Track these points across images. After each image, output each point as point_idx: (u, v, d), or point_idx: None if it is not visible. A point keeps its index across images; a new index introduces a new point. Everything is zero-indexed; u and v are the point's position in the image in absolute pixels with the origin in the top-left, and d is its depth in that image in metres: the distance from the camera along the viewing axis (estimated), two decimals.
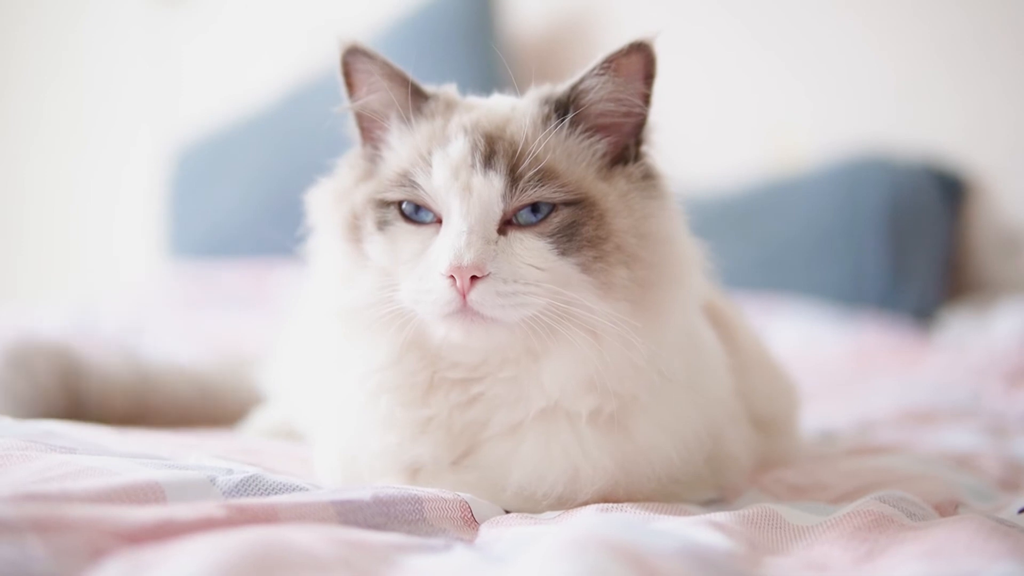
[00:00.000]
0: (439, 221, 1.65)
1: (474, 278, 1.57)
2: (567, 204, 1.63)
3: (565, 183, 1.63)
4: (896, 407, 2.93)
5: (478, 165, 1.62)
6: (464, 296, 1.57)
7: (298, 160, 2.15)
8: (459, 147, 1.64)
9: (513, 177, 1.62)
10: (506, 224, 1.63)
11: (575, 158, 1.67)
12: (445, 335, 1.64)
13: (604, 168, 1.69)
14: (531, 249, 1.61)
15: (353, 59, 1.76)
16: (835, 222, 4.40)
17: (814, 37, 4.89)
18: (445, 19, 5.03)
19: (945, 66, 4.62)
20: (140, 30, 6.27)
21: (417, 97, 1.76)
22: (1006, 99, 4.53)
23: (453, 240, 1.59)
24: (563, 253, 1.61)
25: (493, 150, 1.64)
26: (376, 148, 1.78)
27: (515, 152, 1.63)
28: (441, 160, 1.64)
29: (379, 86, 1.76)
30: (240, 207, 5.14)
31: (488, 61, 4.84)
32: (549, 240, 1.61)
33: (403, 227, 1.68)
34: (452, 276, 1.57)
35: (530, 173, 1.62)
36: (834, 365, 3.62)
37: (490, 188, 1.61)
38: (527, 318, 1.60)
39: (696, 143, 4.70)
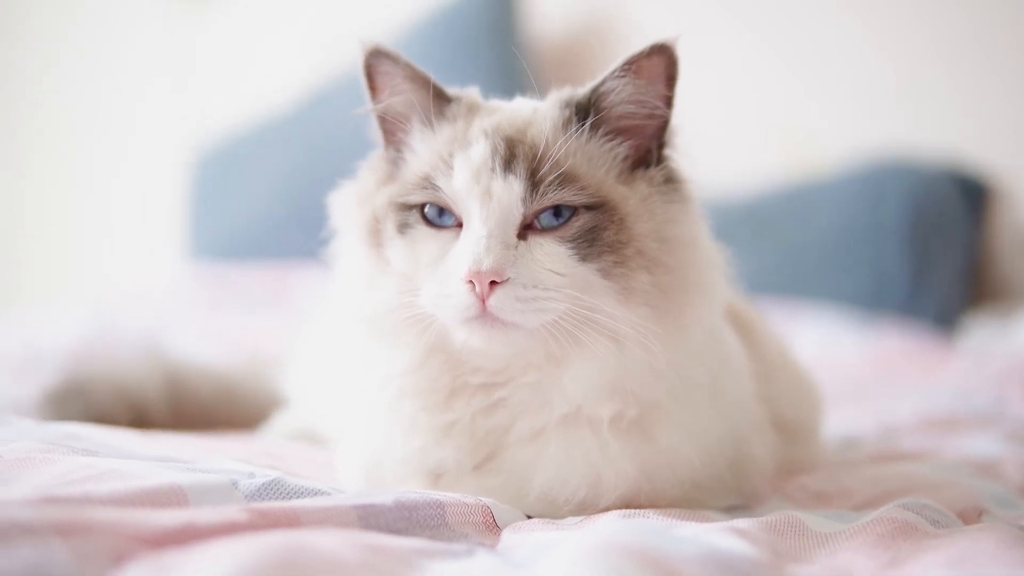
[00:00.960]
0: (459, 225, 1.65)
1: (494, 283, 1.56)
2: (588, 208, 1.62)
3: (585, 186, 1.62)
4: (918, 414, 2.91)
5: (498, 169, 1.62)
6: (484, 301, 1.57)
7: (319, 163, 2.16)
8: (480, 151, 1.64)
9: (533, 181, 1.61)
10: (526, 228, 1.62)
11: (596, 162, 1.67)
12: (466, 340, 1.64)
13: (625, 172, 1.68)
14: (551, 254, 1.60)
15: (376, 61, 1.75)
16: (857, 227, 4.38)
17: (835, 41, 4.87)
18: (466, 21, 5.02)
19: (968, 70, 4.60)
20: (161, 33, 6.29)
21: (439, 100, 1.76)
22: None
23: (473, 245, 1.58)
24: (584, 258, 1.60)
25: (513, 154, 1.63)
26: (398, 151, 1.78)
27: (535, 156, 1.62)
28: (462, 163, 1.64)
29: (401, 88, 1.76)
30: (261, 210, 5.14)
31: (509, 63, 4.83)
32: (570, 245, 1.60)
33: (423, 231, 1.67)
34: (472, 281, 1.57)
35: (550, 177, 1.61)
36: (855, 371, 3.60)
37: (510, 192, 1.61)
38: (548, 323, 1.59)
39: (717, 147, 4.68)
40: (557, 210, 1.62)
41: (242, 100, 5.81)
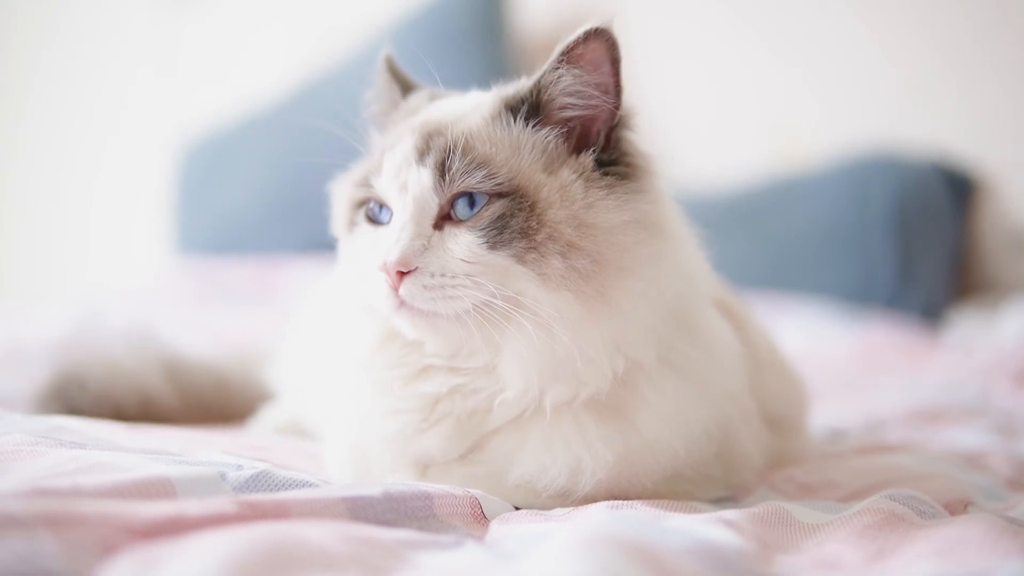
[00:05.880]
0: None
1: (405, 273, 1.60)
2: (500, 196, 1.63)
3: (495, 173, 1.63)
4: (904, 406, 2.92)
5: (413, 162, 1.66)
6: (396, 291, 1.61)
7: (305, 158, 2.17)
8: (403, 147, 1.68)
9: (442, 170, 1.64)
10: (445, 219, 1.65)
11: (521, 151, 1.66)
12: (399, 327, 1.69)
13: (560, 158, 1.68)
14: (462, 243, 1.62)
15: (382, 67, 1.88)
16: (843, 221, 4.39)
17: (822, 35, 4.88)
18: (455, 16, 5.02)
19: (954, 64, 4.62)
20: (147, 26, 6.27)
21: (397, 102, 1.87)
22: (1015, 97, 4.52)
23: (386, 238, 1.64)
24: (493, 246, 1.61)
25: (429, 146, 1.66)
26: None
27: (446, 146, 1.65)
28: (389, 161, 1.69)
29: (383, 91, 1.89)
30: (247, 204, 5.14)
31: (498, 57, 4.84)
32: (480, 233, 1.62)
33: (365, 227, 1.74)
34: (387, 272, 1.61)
35: (457, 164, 1.63)
36: (842, 364, 3.62)
37: (420, 182, 1.64)
38: (469, 310, 1.61)
39: (703, 142, 4.71)
40: (472, 201, 1.64)
41: (228, 94, 5.80)
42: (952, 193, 4.38)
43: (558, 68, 1.65)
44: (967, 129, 4.56)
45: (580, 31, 1.63)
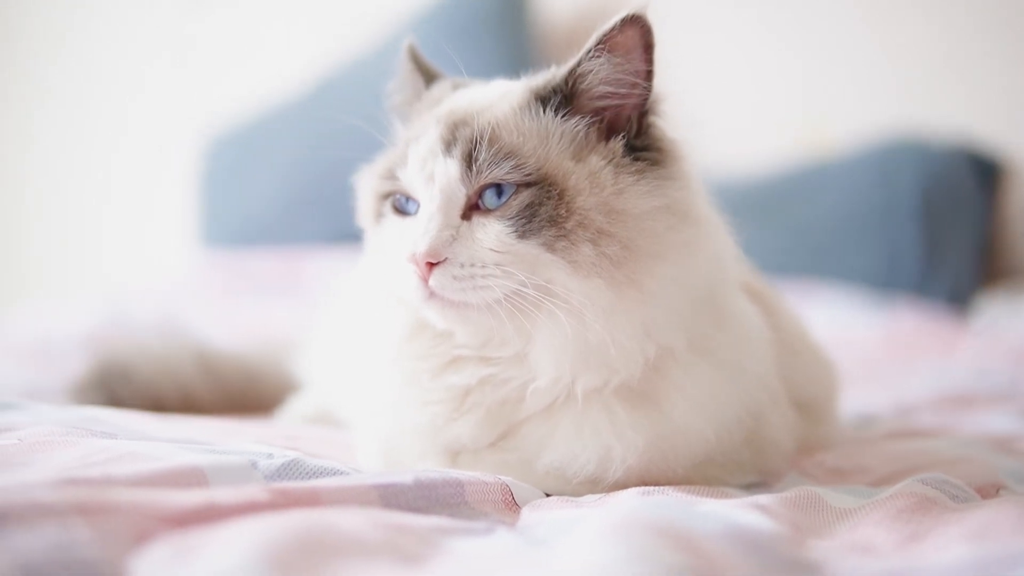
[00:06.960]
0: None
1: (434, 264, 1.60)
2: (528, 186, 1.63)
3: (522, 163, 1.63)
4: (933, 391, 2.92)
5: (440, 153, 1.66)
6: (426, 282, 1.61)
7: (330, 149, 2.18)
8: (429, 138, 1.68)
9: (469, 161, 1.64)
10: (473, 209, 1.65)
11: (550, 139, 1.66)
12: (428, 318, 1.69)
13: (590, 144, 1.68)
14: (490, 233, 1.62)
15: (405, 57, 1.88)
16: (869, 206, 4.38)
17: (848, 20, 4.86)
18: (475, 8, 5.01)
19: (981, 48, 4.59)
20: (171, 19, 6.28)
21: (420, 92, 1.87)
22: None
23: (414, 229, 1.64)
24: (522, 235, 1.61)
25: (455, 137, 1.66)
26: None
27: (473, 136, 1.65)
28: (413, 152, 1.69)
29: (406, 81, 1.89)
30: (273, 196, 5.15)
31: (519, 49, 4.83)
32: (508, 222, 1.62)
33: (392, 219, 1.75)
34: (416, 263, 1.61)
35: (484, 155, 1.63)
36: (869, 350, 3.60)
37: (447, 173, 1.64)
38: (500, 299, 1.61)
39: (730, 128, 4.68)
40: (500, 190, 1.64)
41: (252, 88, 5.80)
42: (979, 178, 4.36)
43: (598, 56, 1.65)
44: (994, 114, 4.53)
45: (616, 19, 1.64)
